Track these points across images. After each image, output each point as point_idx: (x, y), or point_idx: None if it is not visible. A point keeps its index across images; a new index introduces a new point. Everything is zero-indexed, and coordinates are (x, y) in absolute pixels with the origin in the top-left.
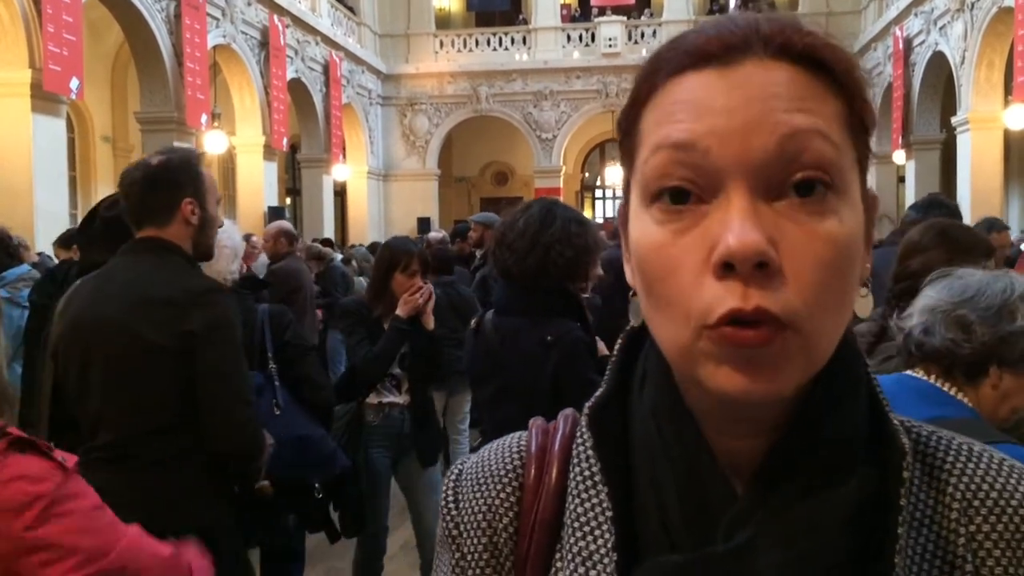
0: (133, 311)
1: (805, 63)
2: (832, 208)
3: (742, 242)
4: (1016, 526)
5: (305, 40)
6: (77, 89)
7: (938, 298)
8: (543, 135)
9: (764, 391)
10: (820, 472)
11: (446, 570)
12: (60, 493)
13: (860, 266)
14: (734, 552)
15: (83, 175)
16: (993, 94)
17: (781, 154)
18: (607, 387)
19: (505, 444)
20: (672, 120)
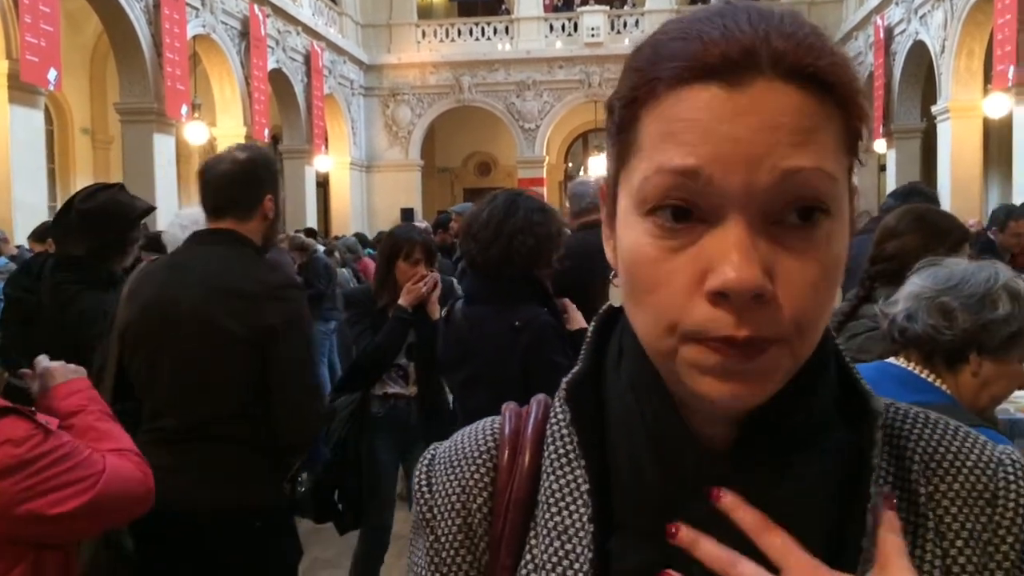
0: (212, 300)
1: (812, 85)
2: (826, 232)
3: (740, 278)
4: (972, 485)
5: (286, 30)
6: (55, 80)
7: (923, 285)
8: (526, 125)
9: (750, 399)
10: (795, 438)
11: (420, 554)
12: (42, 450)
13: (842, 271)
14: (712, 515)
15: (62, 167)
16: (973, 83)
17: (782, 189)
18: (583, 365)
19: (478, 428)
20: (676, 141)
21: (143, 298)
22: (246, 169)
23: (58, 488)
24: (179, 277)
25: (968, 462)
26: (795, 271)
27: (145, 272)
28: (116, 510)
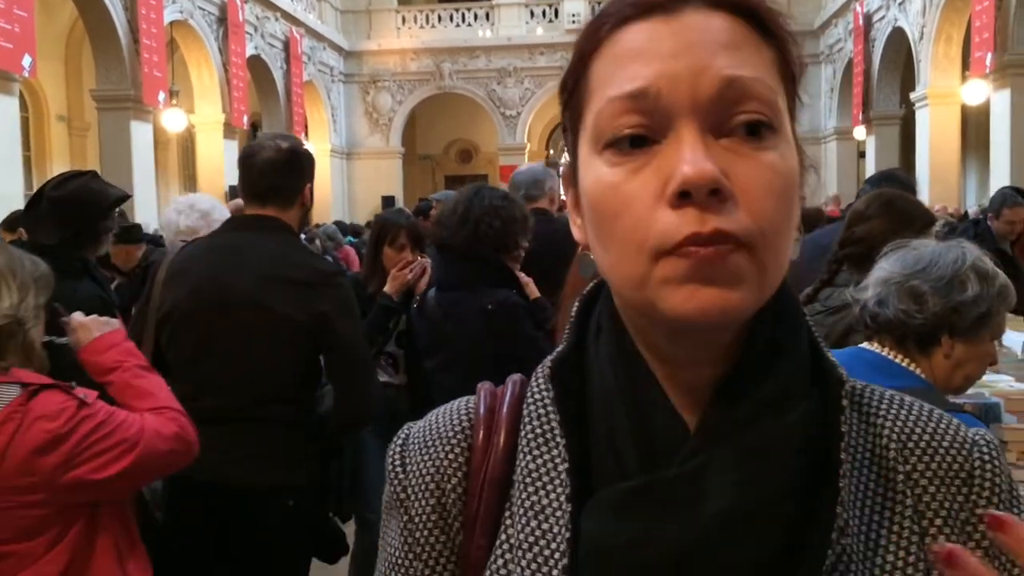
0: (269, 286)
1: (738, 13)
2: (773, 144)
3: (696, 170)
4: (948, 464)
5: (264, 16)
6: (30, 67)
7: (891, 269)
8: (507, 112)
9: (723, 307)
10: (767, 402)
11: (394, 534)
12: (76, 420)
13: (797, 202)
14: (685, 476)
15: (38, 155)
16: (951, 69)
17: (724, 96)
18: (566, 344)
19: (453, 407)
20: (622, 69)
21: (191, 281)
22: (289, 158)
23: (97, 455)
24: (230, 261)
25: (944, 442)
26: (751, 175)
27: (187, 256)
28: (157, 467)
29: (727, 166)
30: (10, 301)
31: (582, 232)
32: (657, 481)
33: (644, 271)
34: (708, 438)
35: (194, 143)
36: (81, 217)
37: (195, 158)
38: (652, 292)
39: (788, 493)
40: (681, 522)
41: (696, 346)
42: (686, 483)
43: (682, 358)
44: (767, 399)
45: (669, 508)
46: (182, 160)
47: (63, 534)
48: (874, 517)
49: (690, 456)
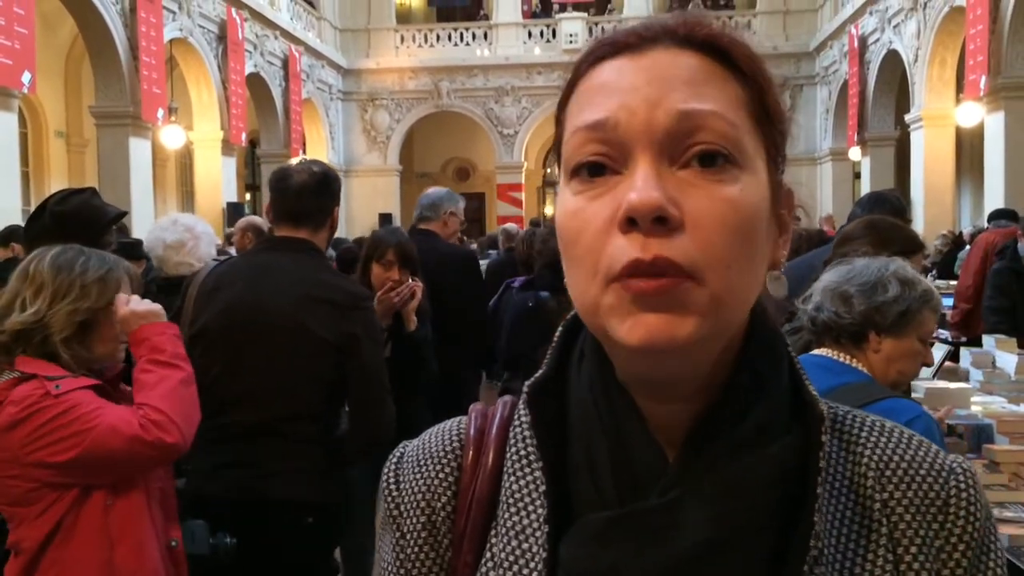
0: (302, 306)
1: (708, 52)
2: (732, 177)
3: (641, 197)
4: (924, 493)
5: (264, 34)
6: (29, 83)
7: (829, 279)
8: (504, 131)
9: (668, 337)
10: (747, 438)
11: (388, 550)
12: (35, 408)
13: (767, 240)
14: (662, 507)
15: (36, 171)
16: (945, 92)
17: (679, 128)
18: (546, 368)
19: (445, 428)
20: (589, 104)
21: (225, 299)
22: (321, 181)
23: (53, 442)
24: (265, 280)
25: (921, 470)
26: (703, 206)
27: (220, 273)
28: (113, 461)
29: (679, 196)
30: (35, 308)
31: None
32: (635, 512)
33: (597, 295)
34: (686, 472)
35: (192, 160)
36: (83, 233)
37: (193, 175)
38: (603, 319)
39: (763, 527)
40: (657, 553)
41: (662, 372)
42: (663, 515)
43: (653, 389)
44: (746, 435)
45: (645, 539)
46: (180, 177)
47: (50, 507)
48: (850, 545)
49: (667, 488)
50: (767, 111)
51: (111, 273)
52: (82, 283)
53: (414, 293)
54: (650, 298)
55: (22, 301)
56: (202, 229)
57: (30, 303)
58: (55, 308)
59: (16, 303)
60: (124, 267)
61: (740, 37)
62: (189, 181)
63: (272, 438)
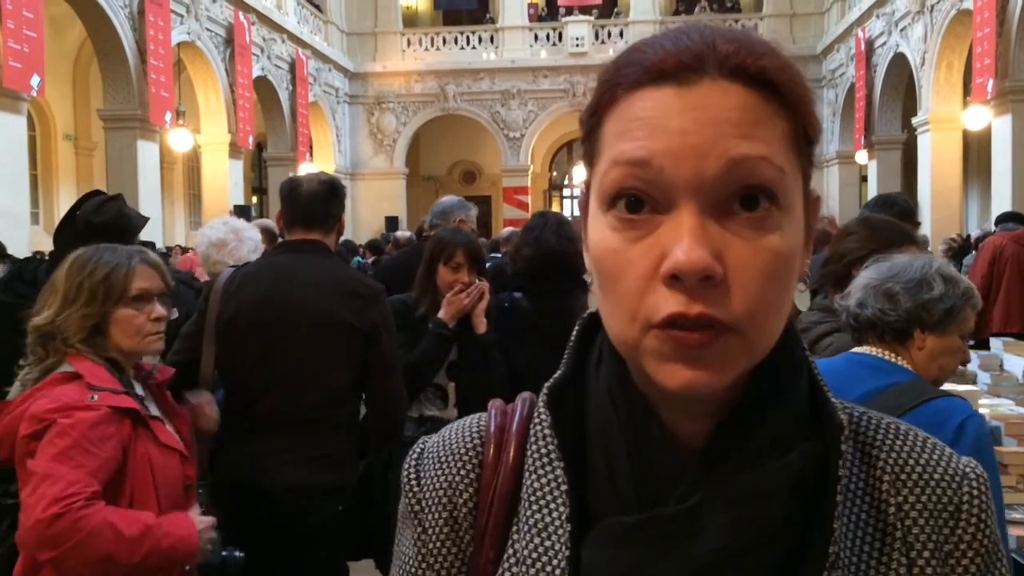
0: (330, 297)
1: (757, 85)
2: (776, 223)
3: (689, 259)
4: (938, 497)
5: (271, 38)
6: (38, 86)
7: (870, 276)
8: (511, 134)
9: (706, 386)
10: (765, 445)
11: (408, 544)
12: (64, 423)
13: (799, 270)
14: (682, 513)
15: (44, 174)
16: (952, 95)
17: (728, 177)
18: (565, 368)
19: (466, 424)
20: (630, 137)
21: (253, 295)
22: (329, 189)
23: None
24: (290, 277)
25: (936, 475)
26: (746, 258)
27: (246, 273)
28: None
29: (724, 248)
30: (50, 312)
31: (590, 259)
32: (656, 518)
33: (636, 337)
34: (705, 478)
35: (200, 163)
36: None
37: (200, 178)
38: (641, 359)
39: (781, 532)
40: (677, 558)
41: (694, 404)
42: (683, 521)
43: (679, 411)
44: (765, 441)
45: (665, 543)
46: (188, 179)
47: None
48: (864, 548)
49: (687, 494)
50: (807, 135)
51: (116, 271)
52: (90, 286)
53: (483, 294)
54: (692, 351)
55: (46, 302)
56: (248, 235)
57: (48, 306)
58: (65, 313)
59: (44, 304)
60: (140, 258)
61: (787, 63)
62: (196, 184)
63: (304, 425)
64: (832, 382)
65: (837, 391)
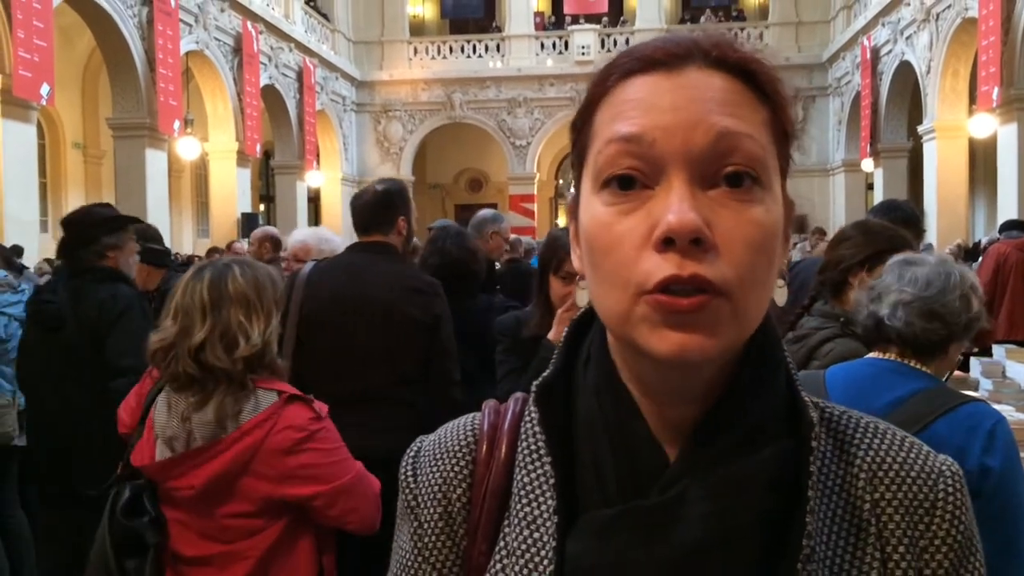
0: (396, 292)
1: (737, 74)
2: (758, 198)
3: (681, 220)
4: (914, 495)
5: (279, 47)
6: (48, 95)
7: (901, 290)
8: (517, 142)
9: (697, 350)
10: (743, 440)
11: (405, 539)
12: (316, 434)
13: (780, 255)
14: (664, 504)
15: (53, 182)
16: (958, 103)
17: (715, 149)
18: (554, 367)
19: (460, 423)
20: (623, 116)
21: (328, 291)
22: (380, 198)
23: (321, 470)
24: (359, 274)
25: (912, 472)
26: (732, 227)
27: (321, 270)
28: (354, 508)
29: (712, 217)
30: (259, 330)
31: (580, 262)
32: (636, 509)
33: (627, 307)
34: (685, 471)
35: (207, 171)
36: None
37: (208, 186)
38: (633, 328)
39: (758, 524)
40: (657, 548)
41: (681, 380)
42: (663, 512)
43: (666, 393)
44: (742, 437)
45: (646, 534)
46: (196, 187)
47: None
48: (839, 543)
49: (667, 486)
50: (784, 130)
51: (277, 283)
52: (275, 300)
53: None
54: (684, 315)
55: (240, 326)
56: (329, 248)
57: (251, 326)
58: (268, 331)
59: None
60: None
61: (765, 59)
62: (204, 192)
63: (377, 402)
64: (858, 387)
65: (863, 396)
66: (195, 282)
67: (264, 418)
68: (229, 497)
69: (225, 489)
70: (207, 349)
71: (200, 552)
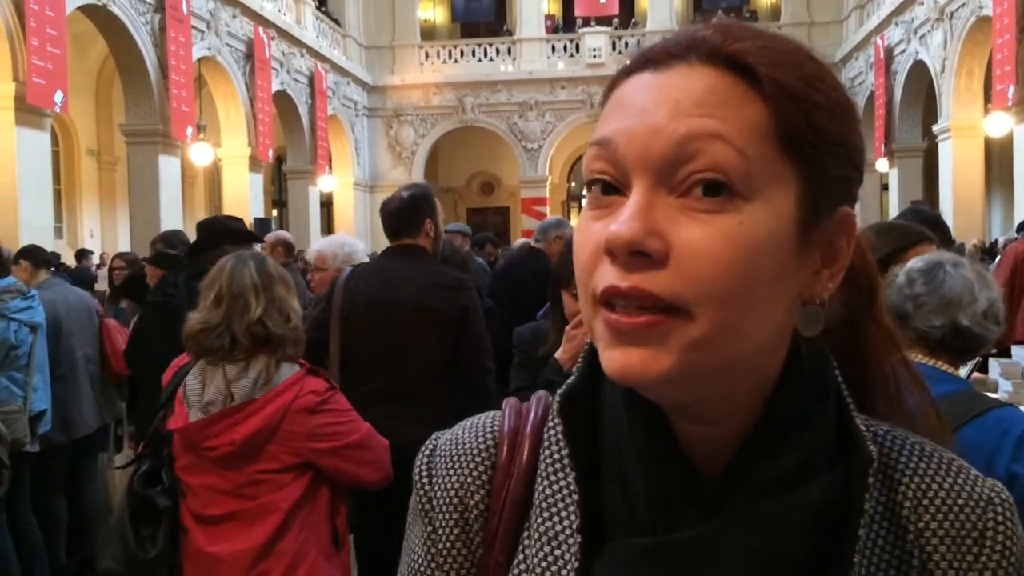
0: (426, 291)
1: (732, 69)
2: (735, 208)
3: (617, 231)
4: (961, 523)
5: (290, 52)
6: (61, 102)
7: (926, 300)
8: (528, 145)
9: (638, 373)
10: (789, 472)
11: (418, 542)
12: (330, 399)
13: (791, 273)
14: (700, 539)
15: (67, 188)
16: (973, 102)
17: (677, 155)
18: (579, 374)
19: (479, 423)
20: (606, 119)
21: (366, 294)
22: (407, 204)
23: (337, 431)
24: (395, 277)
25: (959, 500)
26: (696, 239)
27: (358, 274)
28: (371, 460)
29: (670, 227)
30: (296, 319)
31: None
32: (669, 543)
33: (591, 317)
34: (722, 503)
35: (220, 176)
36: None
37: (221, 191)
38: (596, 340)
39: (801, 566)
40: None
41: (666, 398)
42: (698, 547)
43: (673, 410)
44: (788, 469)
45: (679, 570)
46: (208, 193)
47: (301, 476)
48: (879, 575)
49: (703, 519)
50: (803, 134)
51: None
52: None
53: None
54: (626, 335)
55: (285, 301)
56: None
57: (294, 302)
58: (296, 311)
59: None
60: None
61: (772, 48)
62: (217, 197)
63: (412, 397)
64: None
65: None
66: (242, 268)
67: (293, 382)
68: (262, 453)
69: (261, 444)
70: (268, 321)
71: (228, 509)
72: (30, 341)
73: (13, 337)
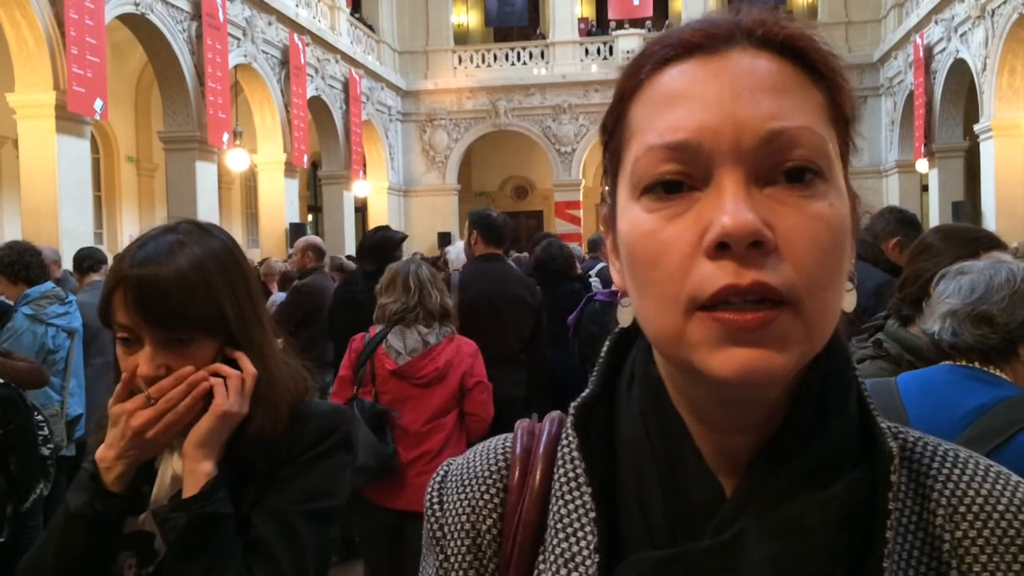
0: (514, 286)
1: (786, 54)
2: (822, 193)
3: (736, 221)
4: (1003, 531)
5: (325, 58)
6: (101, 110)
7: (953, 303)
8: (562, 149)
9: (766, 370)
10: (811, 473)
11: (431, 572)
12: (476, 351)
13: (849, 255)
14: (720, 547)
15: (108, 195)
16: (1016, 101)
17: (771, 146)
18: (593, 388)
19: (490, 446)
20: (662, 115)
21: (474, 290)
22: (505, 221)
23: (478, 369)
24: (496, 277)
25: (999, 506)
26: (796, 226)
27: (467, 273)
28: (484, 401)
29: (771, 217)
30: (448, 302)
31: (621, 277)
32: (689, 552)
33: (678, 325)
34: (744, 507)
35: (256, 182)
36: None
37: (257, 197)
38: (688, 349)
39: (827, 569)
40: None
41: (745, 405)
42: (719, 556)
43: (727, 422)
44: (810, 468)
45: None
46: (245, 199)
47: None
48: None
49: (724, 525)
50: (843, 113)
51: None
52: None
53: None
54: (747, 332)
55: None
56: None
57: (447, 296)
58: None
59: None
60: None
61: (816, 35)
62: (254, 203)
63: (509, 362)
64: (937, 395)
65: (943, 404)
66: (416, 270)
67: (454, 337)
68: (443, 381)
69: (446, 371)
70: (441, 302)
71: (421, 427)
72: (67, 346)
73: (51, 342)
